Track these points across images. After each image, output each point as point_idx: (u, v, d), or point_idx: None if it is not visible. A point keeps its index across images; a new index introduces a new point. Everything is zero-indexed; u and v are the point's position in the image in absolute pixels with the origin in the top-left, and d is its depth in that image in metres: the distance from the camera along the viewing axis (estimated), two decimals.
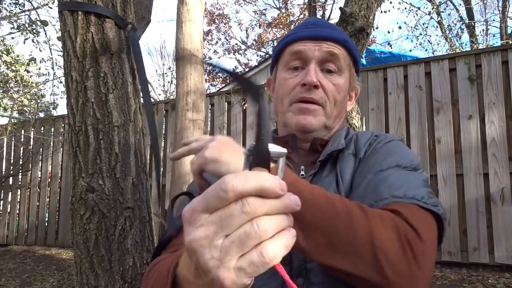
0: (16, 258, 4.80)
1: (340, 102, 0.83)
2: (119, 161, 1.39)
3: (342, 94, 0.83)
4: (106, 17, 1.41)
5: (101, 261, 1.34)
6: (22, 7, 5.22)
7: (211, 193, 0.35)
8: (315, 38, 0.81)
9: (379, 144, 0.79)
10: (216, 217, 0.34)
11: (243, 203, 0.33)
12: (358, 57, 0.87)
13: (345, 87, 0.83)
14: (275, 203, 0.35)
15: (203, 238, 0.34)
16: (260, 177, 0.34)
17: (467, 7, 10.35)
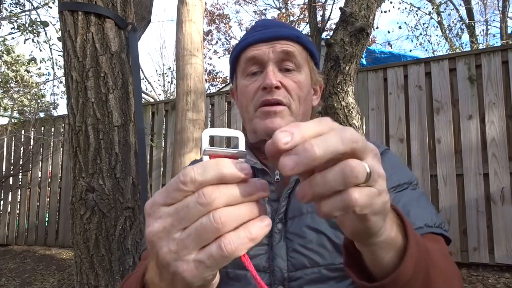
0: (16, 258, 4.80)
1: (304, 98, 0.81)
2: (119, 161, 1.39)
3: (305, 89, 0.81)
4: (106, 17, 1.41)
5: (101, 261, 1.34)
6: (23, 7, 5.22)
7: (171, 185, 0.34)
8: (267, 40, 0.80)
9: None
10: (173, 209, 0.34)
11: (199, 194, 0.33)
12: (314, 50, 0.85)
13: (307, 83, 0.82)
14: (237, 191, 0.34)
15: (161, 231, 0.34)
16: (218, 164, 0.34)
17: (467, 7, 10.35)
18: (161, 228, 0.34)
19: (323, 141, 0.32)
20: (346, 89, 2.17)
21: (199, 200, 0.33)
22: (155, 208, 0.35)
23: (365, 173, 0.33)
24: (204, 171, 0.33)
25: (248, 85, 0.81)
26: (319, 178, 0.33)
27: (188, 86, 3.37)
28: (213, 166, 0.34)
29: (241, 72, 0.83)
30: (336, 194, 0.33)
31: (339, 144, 0.32)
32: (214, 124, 4.42)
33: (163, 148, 4.70)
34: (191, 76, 3.38)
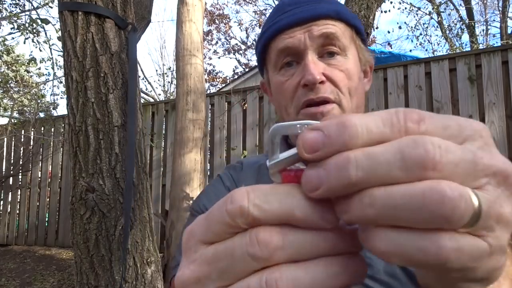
0: (16, 258, 4.80)
1: (356, 88, 0.65)
2: (119, 161, 1.39)
3: (355, 78, 0.65)
4: (106, 17, 1.41)
5: (101, 261, 1.34)
6: (23, 8, 5.22)
7: (214, 212, 0.23)
8: (300, 22, 0.64)
9: None
10: (212, 252, 0.23)
11: (251, 238, 0.21)
12: (359, 25, 0.69)
13: (356, 69, 0.66)
14: (315, 241, 0.21)
15: (193, 282, 0.23)
16: (291, 193, 0.22)
17: (467, 7, 10.35)
18: (194, 280, 0.23)
19: (373, 156, 0.20)
20: None
21: (250, 249, 0.21)
22: (192, 243, 0.24)
23: (470, 210, 0.19)
24: (265, 202, 0.21)
25: (284, 81, 0.66)
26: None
27: (188, 86, 3.37)
28: (279, 198, 0.21)
29: (273, 66, 0.69)
30: (407, 232, 0.20)
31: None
32: (214, 124, 4.42)
33: (163, 148, 4.70)
34: (191, 76, 3.38)
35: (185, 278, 0.24)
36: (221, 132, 4.36)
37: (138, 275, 1.38)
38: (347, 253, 0.22)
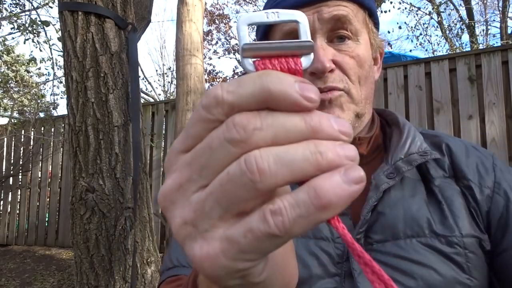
0: (16, 258, 4.80)
1: (366, 77, 0.61)
2: (119, 161, 1.39)
3: (366, 65, 0.60)
4: (106, 18, 1.41)
5: (101, 261, 1.34)
6: (23, 8, 5.22)
7: (192, 116, 0.22)
8: (309, 2, 0.57)
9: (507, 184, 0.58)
10: (192, 153, 0.21)
11: (227, 125, 0.20)
12: (373, 6, 0.63)
13: (367, 55, 0.61)
14: (294, 122, 0.20)
15: (175, 190, 0.22)
16: (263, 76, 0.20)
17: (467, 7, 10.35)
18: (175, 187, 0.22)
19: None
20: None
21: (227, 134, 0.20)
22: (173, 157, 0.23)
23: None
24: (238, 86, 0.20)
25: None
26: None
27: (188, 86, 3.37)
28: (253, 79, 0.20)
29: None
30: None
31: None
32: None
33: (163, 148, 4.70)
34: (191, 76, 3.38)
35: (167, 188, 0.22)
36: None
37: (138, 275, 1.38)
38: (331, 138, 0.20)
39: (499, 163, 0.61)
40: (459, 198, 0.57)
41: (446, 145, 0.62)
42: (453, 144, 0.62)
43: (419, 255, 0.51)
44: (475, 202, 0.56)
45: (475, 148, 0.63)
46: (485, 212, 0.56)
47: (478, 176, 0.58)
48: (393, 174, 0.57)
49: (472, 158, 0.60)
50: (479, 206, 0.56)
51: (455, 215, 0.55)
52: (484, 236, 0.55)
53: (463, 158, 0.60)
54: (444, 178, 0.59)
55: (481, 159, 0.60)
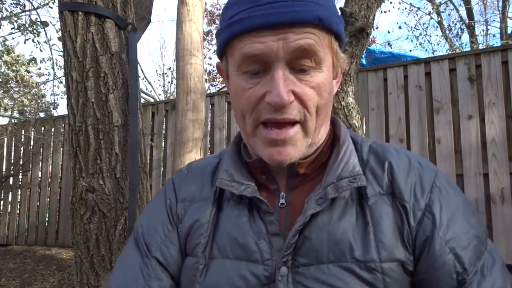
0: (16, 258, 4.80)
1: (325, 105, 0.58)
2: (119, 161, 1.39)
3: (326, 93, 0.58)
4: (106, 17, 1.41)
5: (101, 261, 1.34)
6: (23, 7, 5.22)
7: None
8: (276, 27, 0.53)
9: (444, 204, 0.58)
10: None
11: None
12: (341, 29, 0.59)
13: (328, 80, 0.58)
14: None
15: None
16: None
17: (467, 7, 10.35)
18: None
19: None
20: (346, 89, 2.17)
21: None
22: None
23: None
24: None
25: (246, 88, 0.57)
26: None
27: (188, 86, 3.37)
28: None
29: (236, 66, 0.58)
30: None
31: None
32: (214, 124, 4.42)
33: (163, 148, 4.70)
34: (191, 76, 3.38)
35: None
36: (221, 132, 4.36)
37: None
38: None
39: (440, 182, 0.60)
40: (389, 219, 0.57)
41: (389, 162, 0.61)
42: (397, 161, 0.61)
43: (339, 281, 0.53)
44: (407, 224, 0.57)
45: (420, 165, 0.62)
46: (414, 235, 0.57)
47: (413, 198, 0.58)
48: (321, 200, 0.57)
49: (412, 177, 0.60)
50: (410, 228, 0.57)
51: (378, 239, 0.55)
52: (410, 257, 0.56)
53: (403, 177, 0.60)
54: (379, 195, 0.59)
55: (421, 178, 0.60)
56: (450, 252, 0.54)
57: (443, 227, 0.56)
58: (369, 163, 0.62)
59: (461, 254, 0.54)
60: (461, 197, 0.60)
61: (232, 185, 0.61)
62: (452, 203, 0.58)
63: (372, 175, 0.61)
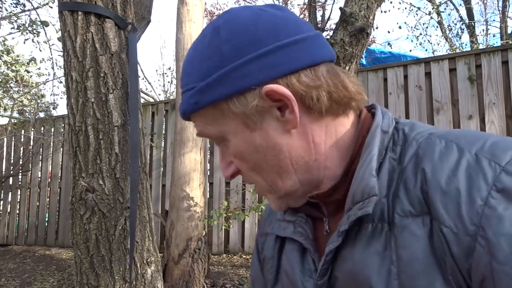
0: (16, 258, 4.80)
1: (257, 166, 0.53)
2: (119, 161, 1.39)
3: (251, 151, 0.51)
4: (106, 17, 1.41)
5: (101, 261, 1.34)
6: (23, 8, 5.22)
7: None
8: (187, 118, 0.55)
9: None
10: None
11: None
12: (221, 90, 0.50)
13: (242, 145, 0.52)
14: None
15: None
16: None
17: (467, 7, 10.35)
18: None
19: None
20: None
21: None
22: None
23: None
24: None
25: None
26: None
27: None
28: None
29: None
30: None
31: None
32: None
33: (163, 148, 4.70)
34: None
35: None
36: None
37: (138, 275, 1.38)
38: None
39: (505, 184, 0.39)
40: (420, 252, 0.42)
41: (422, 168, 0.45)
42: (435, 162, 0.44)
43: None
44: (451, 256, 0.40)
45: (477, 160, 0.42)
46: (465, 271, 0.40)
47: (457, 216, 0.40)
48: (338, 232, 0.49)
49: (455, 184, 0.41)
50: (457, 262, 0.40)
51: (402, 282, 0.43)
52: None
53: (441, 186, 0.42)
54: (411, 217, 0.44)
55: (470, 183, 0.41)
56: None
57: (505, 254, 0.37)
58: (405, 171, 0.47)
59: None
60: None
61: (280, 224, 0.60)
62: None
63: (404, 189, 0.46)
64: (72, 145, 1.40)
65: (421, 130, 0.50)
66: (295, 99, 0.48)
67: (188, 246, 3.23)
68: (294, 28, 0.50)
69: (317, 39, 0.52)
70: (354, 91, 0.51)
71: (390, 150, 0.50)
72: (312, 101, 0.49)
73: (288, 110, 0.49)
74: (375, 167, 0.47)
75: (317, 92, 0.49)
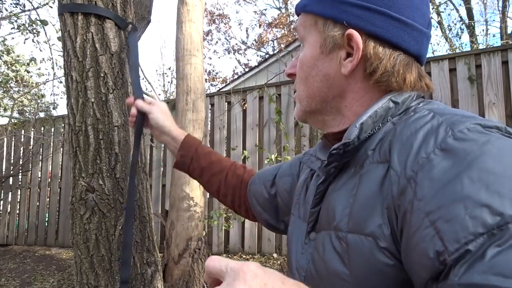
0: (16, 258, 4.80)
1: (305, 78, 0.65)
2: (119, 161, 1.39)
3: (305, 67, 0.65)
4: (106, 18, 1.41)
5: (101, 261, 1.34)
6: (23, 8, 5.22)
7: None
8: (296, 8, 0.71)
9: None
10: None
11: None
12: (327, 12, 0.61)
13: (308, 57, 0.64)
14: None
15: None
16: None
17: (467, 7, 10.35)
18: None
19: None
20: None
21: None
22: None
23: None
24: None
25: None
26: None
27: (188, 86, 3.37)
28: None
29: None
30: None
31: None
32: (214, 124, 4.42)
33: (163, 148, 4.70)
34: (191, 76, 3.38)
35: None
36: (221, 132, 4.36)
37: (138, 275, 1.38)
38: None
39: (452, 143, 0.45)
40: (371, 189, 0.52)
41: (395, 128, 0.55)
42: (404, 127, 0.53)
43: (321, 246, 0.58)
44: (391, 196, 0.49)
45: (439, 124, 0.49)
46: (396, 208, 0.48)
47: (403, 163, 0.49)
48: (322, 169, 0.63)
49: (413, 139, 0.49)
50: (393, 201, 0.49)
51: (353, 209, 0.53)
52: (386, 232, 0.49)
53: (402, 139, 0.51)
54: (376, 163, 0.53)
55: (426, 138, 0.48)
56: (430, 226, 0.42)
57: (426, 197, 0.44)
58: (393, 131, 0.54)
59: (443, 228, 0.41)
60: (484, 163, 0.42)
61: (311, 159, 0.73)
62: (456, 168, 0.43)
63: (382, 143, 0.55)
64: (72, 145, 1.40)
65: (433, 107, 0.55)
66: (361, 55, 0.58)
67: (188, 246, 3.23)
68: (408, 12, 0.58)
69: (417, 34, 0.59)
70: (409, 84, 0.59)
71: (395, 116, 0.58)
72: (370, 67, 0.58)
73: (350, 59, 0.59)
74: (361, 120, 0.56)
75: (379, 65, 0.58)
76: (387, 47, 0.58)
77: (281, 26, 14.49)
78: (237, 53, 16.64)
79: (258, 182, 0.95)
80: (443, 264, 0.40)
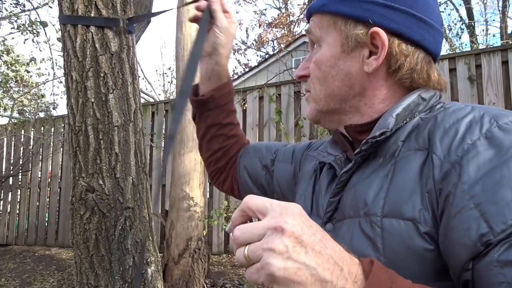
0: (16, 258, 4.80)
1: (324, 77, 0.65)
2: (119, 161, 1.39)
3: (324, 66, 0.64)
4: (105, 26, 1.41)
5: (101, 261, 1.34)
6: (23, 8, 5.22)
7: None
8: (308, 18, 0.70)
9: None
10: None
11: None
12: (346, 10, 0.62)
13: (327, 56, 0.64)
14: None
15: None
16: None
17: (467, 7, 10.35)
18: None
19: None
20: None
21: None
22: None
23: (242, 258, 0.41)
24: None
25: None
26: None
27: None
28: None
29: None
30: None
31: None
32: None
33: (163, 148, 4.70)
34: None
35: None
36: None
37: (138, 275, 1.38)
38: None
39: (493, 133, 0.49)
40: (411, 175, 0.52)
41: (434, 117, 0.56)
42: (446, 114, 0.55)
43: (348, 233, 0.57)
44: (432, 179, 0.50)
45: (481, 116, 0.51)
46: (439, 190, 0.50)
47: (447, 150, 0.50)
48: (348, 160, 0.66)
49: (456, 127, 0.52)
50: (434, 182, 0.50)
51: (388, 194, 0.54)
52: (428, 217, 0.50)
53: (444, 128, 0.53)
54: (414, 151, 0.55)
55: (470, 128, 0.50)
56: (475, 208, 0.44)
57: (471, 180, 0.46)
58: (424, 124, 0.56)
59: (490, 210, 0.43)
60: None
61: (323, 154, 0.74)
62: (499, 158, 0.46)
63: (417, 133, 0.56)
64: (72, 145, 1.40)
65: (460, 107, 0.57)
66: (386, 53, 0.59)
67: (188, 246, 3.23)
68: (428, 11, 0.61)
69: (436, 33, 0.62)
70: (435, 81, 0.61)
71: (423, 112, 0.59)
72: (395, 64, 0.60)
73: (375, 57, 0.60)
74: (397, 112, 0.57)
75: (404, 62, 0.59)
76: (409, 45, 0.60)
77: (281, 26, 14.49)
78: (237, 53, 16.64)
79: (253, 156, 0.92)
80: (485, 245, 0.43)
